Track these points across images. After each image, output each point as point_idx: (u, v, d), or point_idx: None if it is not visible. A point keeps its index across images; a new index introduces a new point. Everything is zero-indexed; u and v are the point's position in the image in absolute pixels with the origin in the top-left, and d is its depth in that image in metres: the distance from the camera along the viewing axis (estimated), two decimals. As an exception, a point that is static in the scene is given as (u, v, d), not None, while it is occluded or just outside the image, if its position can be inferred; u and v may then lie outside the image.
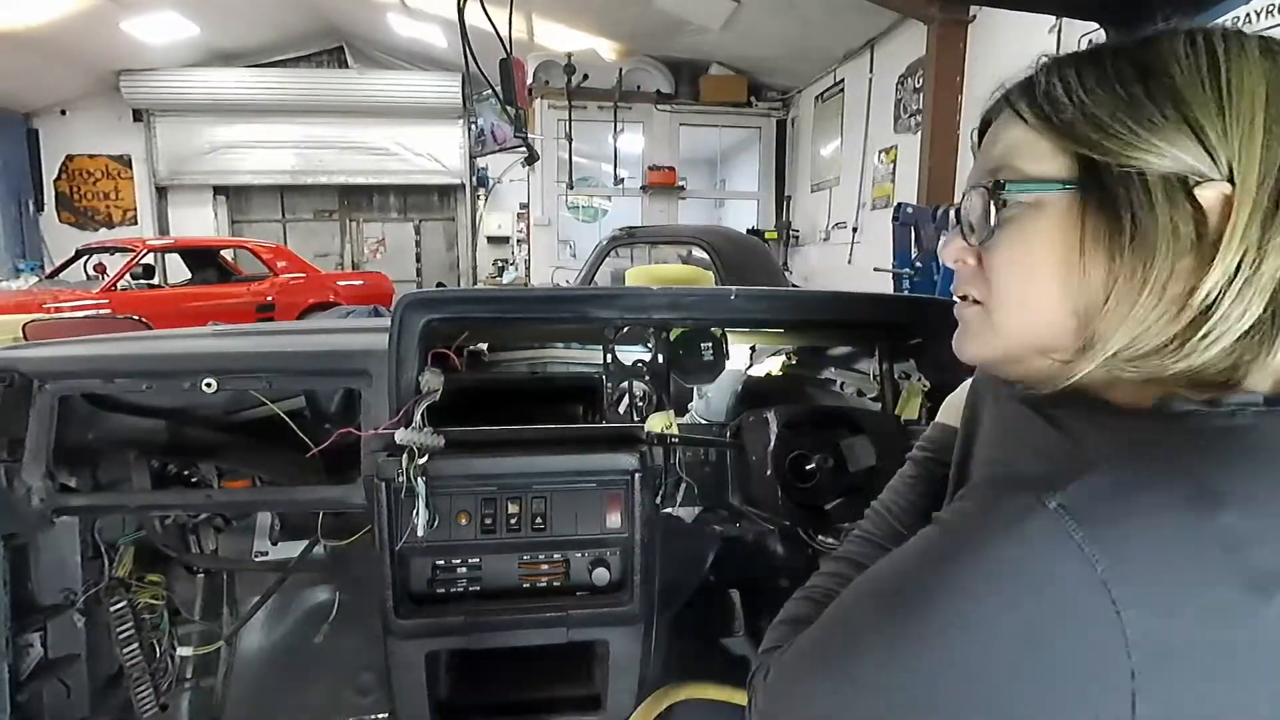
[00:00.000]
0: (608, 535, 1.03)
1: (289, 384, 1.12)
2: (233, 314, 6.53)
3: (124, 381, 1.10)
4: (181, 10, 8.35)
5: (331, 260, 10.78)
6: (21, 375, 1.06)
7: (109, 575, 1.28)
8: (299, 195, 10.92)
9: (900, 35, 5.99)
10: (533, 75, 8.09)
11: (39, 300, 5.84)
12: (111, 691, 1.35)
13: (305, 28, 9.82)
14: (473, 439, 1.03)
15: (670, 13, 6.67)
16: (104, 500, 1.21)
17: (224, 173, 10.42)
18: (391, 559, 0.99)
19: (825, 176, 7.58)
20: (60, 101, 9.84)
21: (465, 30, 1.38)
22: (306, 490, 1.16)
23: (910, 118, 5.87)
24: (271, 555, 1.47)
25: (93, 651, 1.32)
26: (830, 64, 7.22)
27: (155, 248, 7.23)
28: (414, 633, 1.02)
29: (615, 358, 1.13)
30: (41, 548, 1.25)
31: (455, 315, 1.07)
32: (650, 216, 8.44)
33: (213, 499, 1.21)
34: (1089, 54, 0.48)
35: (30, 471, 1.06)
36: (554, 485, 1.01)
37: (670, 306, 1.10)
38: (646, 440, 1.07)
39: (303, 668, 1.56)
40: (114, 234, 9.86)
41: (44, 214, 10.18)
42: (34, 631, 1.26)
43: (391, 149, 10.57)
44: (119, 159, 10.27)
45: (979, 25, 5.05)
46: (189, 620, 1.47)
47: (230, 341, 1.25)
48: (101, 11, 7.68)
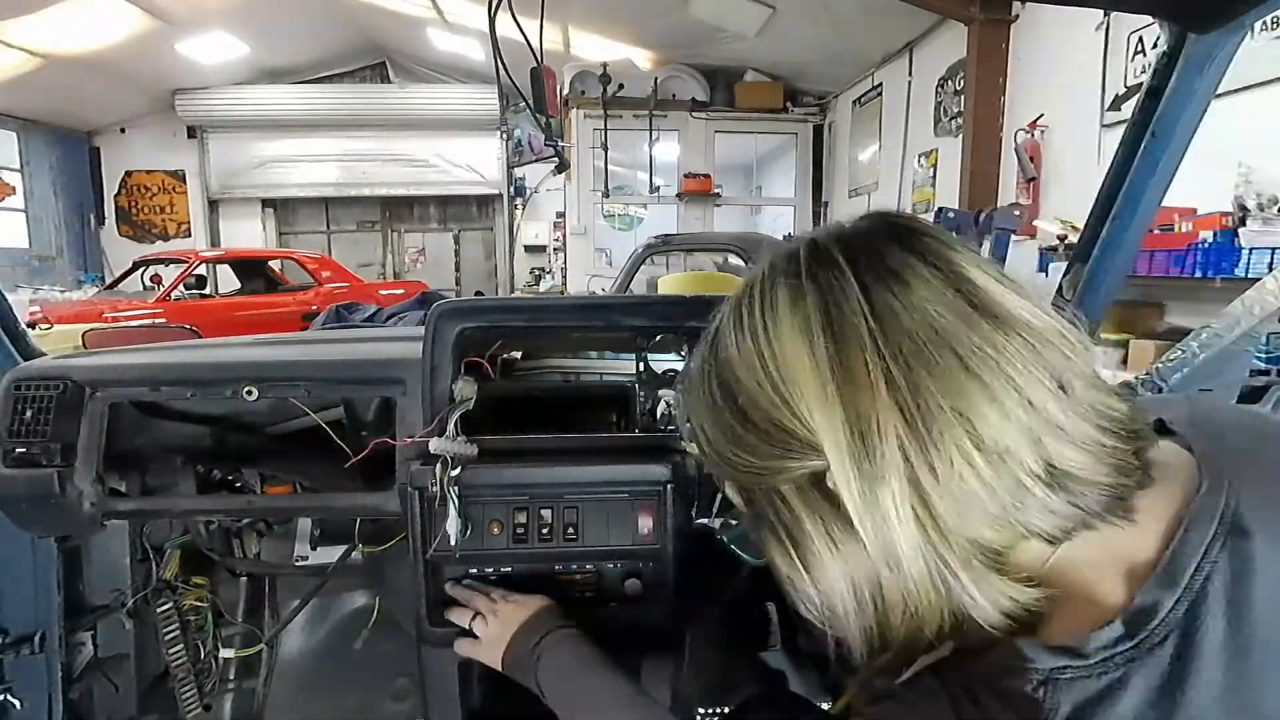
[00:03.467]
0: (640, 546, 1.01)
1: (326, 392, 1.14)
2: (279, 323, 6.73)
3: (170, 389, 1.13)
4: (232, 30, 8.67)
5: (374, 270, 11.03)
6: (74, 383, 1.10)
7: (156, 577, 1.31)
8: (343, 207, 11.22)
9: (940, 37, 5.88)
10: (569, 85, 8.18)
11: (98, 310, 6.11)
12: (157, 691, 1.39)
13: (349, 45, 10.11)
14: (505, 448, 1.03)
15: (705, 21, 6.67)
16: (152, 505, 1.24)
17: (272, 186, 10.77)
18: (425, 567, 0.99)
19: (863, 182, 7.47)
20: (120, 120, 10.32)
21: (496, 40, 1.39)
22: (344, 497, 1.18)
23: (950, 120, 5.75)
24: (311, 560, 1.50)
25: (140, 652, 1.36)
26: (868, 68, 7.13)
27: (207, 259, 7.51)
28: (446, 641, 1.02)
29: (648, 366, 1.12)
30: (93, 550, 1.30)
31: (488, 324, 1.07)
32: (686, 224, 8.43)
33: (255, 504, 1.23)
34: (695, 388, 0.51)
35: (82, 476, 1.09)
36: (586, 495, 1.01)
37: (703, 314, 1.09)
38: (680, 450, 1.06)
39: (340, 672, 1.58)
40: (169, 246, 10.27)
41: (104, 228, 10.66)
42: (85, 631, 1.30)
43: (431, 160, 10.79)
44: (174, 174, 10.70)
45: (1022, 24, 4.93)
46: (232, 623, 1.51)
47: (270, 350, 1.28)
48: (157, 34, 8.03)
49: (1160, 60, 0.93)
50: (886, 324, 0.42)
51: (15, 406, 1.09)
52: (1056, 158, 4.57)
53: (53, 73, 8.08)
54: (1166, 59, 0.92)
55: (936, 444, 0.40)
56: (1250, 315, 1.10)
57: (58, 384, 1.09)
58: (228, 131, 10.47)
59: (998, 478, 0.40)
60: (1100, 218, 1.05)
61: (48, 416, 1.08)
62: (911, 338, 0.41)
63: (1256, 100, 3.18)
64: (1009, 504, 0.40)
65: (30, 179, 9.51)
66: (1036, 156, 4.56)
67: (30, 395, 1.09)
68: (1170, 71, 0.92)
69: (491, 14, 1.35)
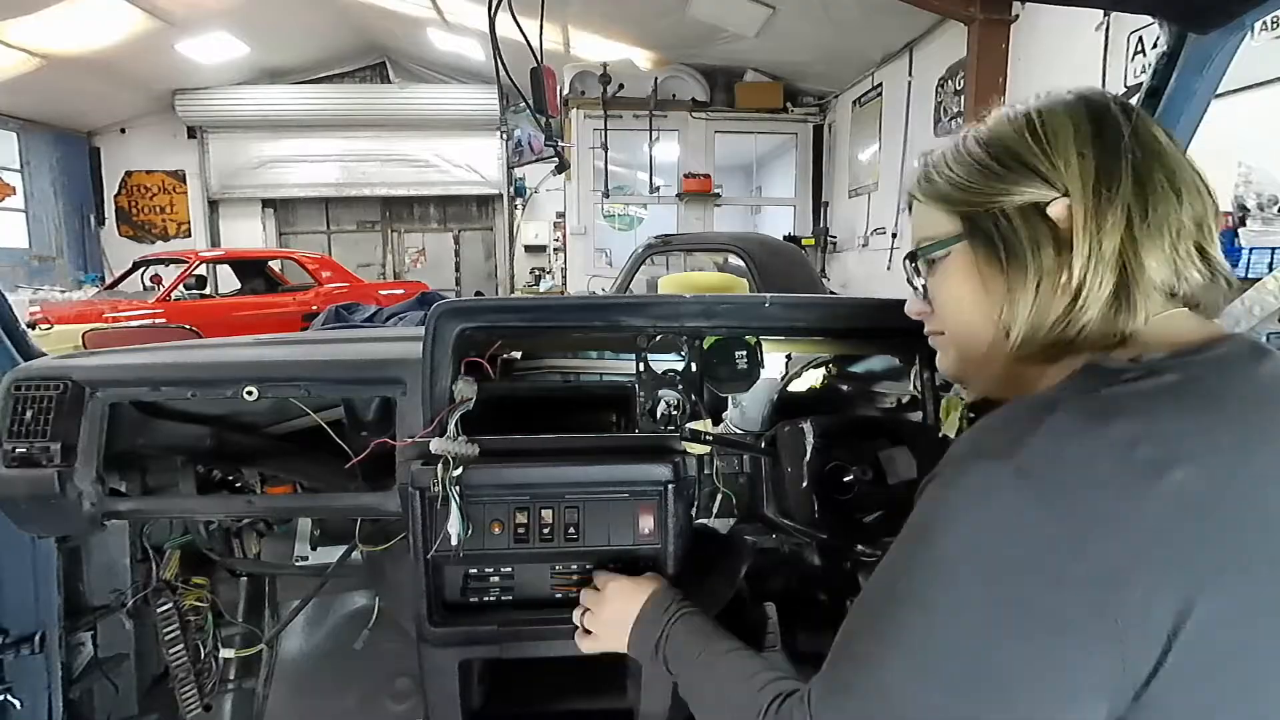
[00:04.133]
0: (641, 546, 1.01)
1: (326, 392, 1.14)
2: (279, 323, 6.73)
3: (170, 389, 1.13)
4: (232, 30, 8.67)
5: (374, 270, 11.03)
6: (74, 383, 1.10)
7: (156, 578, 1.31)
8: (343, 207, 11.22)
9: (940, 37, 5.88)
10: (569, 86, 8.17)
11: (98, 310, 6.11)
12: (157, 691, 1.39)
13: (349, 45, 10.11)
14: (506, 448, 1.03)
15: (705, 21, 6.67)
16: (152, 505, 1.24)
17: (272, 186, 10.77)
18: (425, 567, 0.99)
19: (863, 182, 7.47)
20: (120, 120, 10.32)
21: (496, 40, 1.39)
22: (344, 497, 1.18)
23: (951, 120, 5.75)
24: (311, 560, 1.50)
25: (140, 652, 1.36)
26: (867, 68, 7.13)
27: (207, 259, 7.51)
28: (447, 640, 1.02)
29: (648, 366, 1.12)
30: (93, 550, 1.30)
31: (488, 324, 1.07)
32: (686, 224, 8.43)
33: (255, 504, 1.23)
34: (950, 141, 0.68)
35: (82, 476, 1.09)
36: (587, 495, 1.00)
37: (703, 314, 1.09)
38: (680, 450, 1.06)
39: (340, 672, 1.58)
40: (169, 246, 10.27)
41: (104, 228, 10.66)
42: (85, 631, 1.30)
43: (431, 161, 10.79)
44: (174, 174, 10.70)
45: (1021, 24, 4.93)
46: (232, 623, 1.51)
47: (270, 350, 1.28)
48: (157, 34, 8.03)
49: (1160, 60, 0.93)
50: (1136, 128, 0.60)
51: (15, 406, 1.09)
52: (1057, 158, 4.57)
53: (53, 73, 8.08)
54: (1166, 59, 0.92)
55: (1152, 199, 0.58)
56: (1250, 315, 1.10)
57: (58, 384, 1.10)
58: (228, 131, 10.46)
59: (1177, 237, 0.58)
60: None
61: (48, 416, 1.08)
62: (1150, 139, 0.60)
63: (1256, 100, 3.18)
64: (1176, 256, 0.58)
65: (30, 179, 9.51)
66: (1037, 156, 4.56)
67: (30, 395, 1.09)
68: (1170, 71, 0.92)
69: (491, 14, 1.36)
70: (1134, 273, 0.57)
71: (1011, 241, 0.61)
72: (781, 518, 1.12)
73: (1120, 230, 0.57)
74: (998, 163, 0.62)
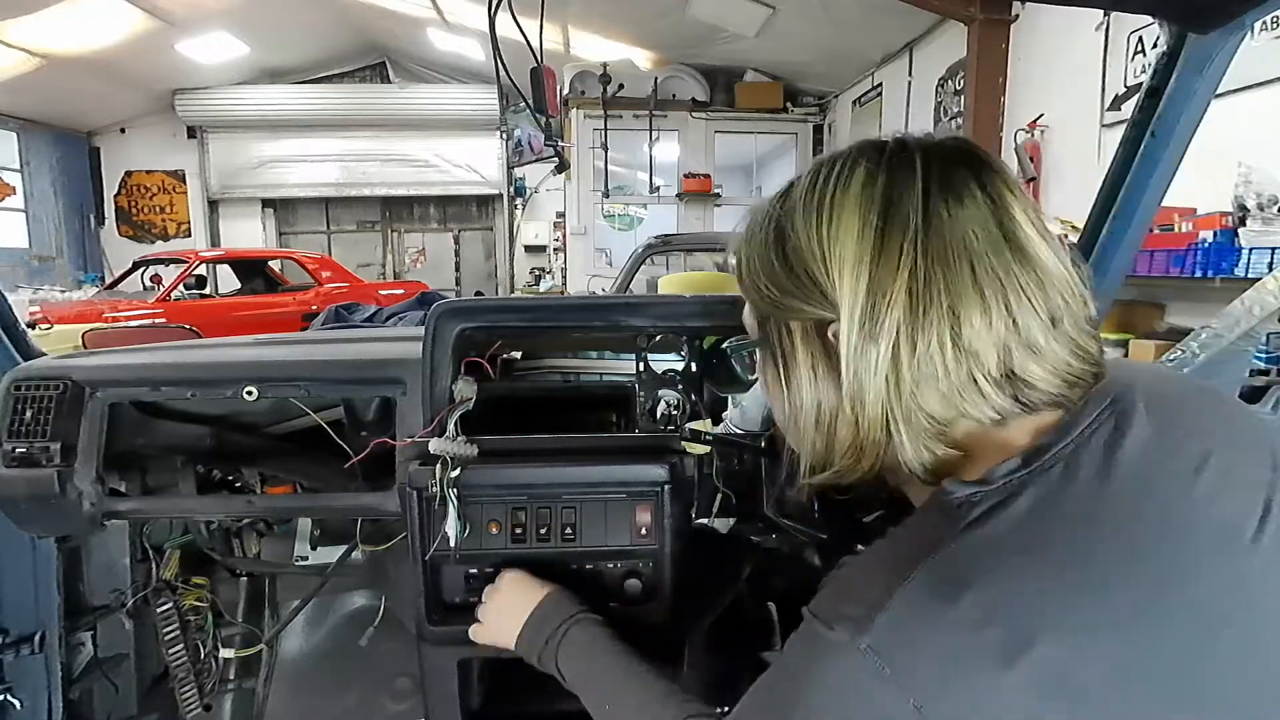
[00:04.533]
0: (639, 546, 1.01)
1: (326, 392, 1.14)
2: (279, 323, 6.73)
3: (170, 389, 1.13)
4: (232, 30, 8.68)
5: (374, 270, 11.03)
6: (74, 383, 1.10)
7: (156, 577, 1.31)
8: (343, 207, 11.22)
9: (940, 37, 5.88)
10: (569, 86, 8.17)
11: (98, 310, 6.11)
12: (157, 691, 1.39)
13: (349, 44, 10.11)
14: (505, 448, 1.03)
15: (705, 21, 6.67)
16: (152, 505, 1.24)
17: (272, 186, 10.77)
18: (424, 567, 0.99)
19: (863, 181, 7.46)
20: (120, 120, 10.32)
21: (496, 40, 1.39)
22: (344, 497, 1.18)
23: (950, 120, 5.75)
24: (311, 560, 1.50)
25: (140, 652, 1.36)
26: (867, 68, 7.13)
27: (207, 259, 7.51)
28: (446, 640, 1.02)
29: (648, 366, 1.12)
30: (93, 550, 1.30)
31: (488, 324, 1.07)
32: (686, 224, 8.43)
33: (255, 504, 1.23)
34: (756, 225, 0.59)
35: (82, 476, 1.09)
36: (585, 495, 1.00)
37: (703, 314, 1.09)
38: (678, 451, 1.06)
39: (340, 672, 1.58)
40: (169, 246, 10.27)
41: (104, 228, 10.66)
42: (85, 631, 1.30)
43: (431, 161, 10.79)
44: (174, 174, 10.70)
45: (1021, 24, 4.93)
46: (232, 623, 1.51)
47: (270, 350, 1.28)
48: (157, 34, 8.03)
49: (1160, 60, 0.93)
50: (930, 226, 0.50)
51: (15, 406, 1.09)
52: (1056, 158, 4.57)
53: (53, 73, 8.08)
54: (1166, 59, 0.92)
55: (924, 329, 0.49)
56: (1250, 315, 1.10)
57: (58, 384, 1.09)
58: (228, 131, 10.46)
59: (958, 369, 0.50)
60: (1100, 218, 1.05)
61: (48, 416, 1.08)
62: (944, 243, 0.50)
63: (1256, 100, 3.18)
64: (957, 391, 0.50)
65: (30, 179, 9.51)
66: (1036, 156, 4.56)
67: (30, 395, 1.09)
68: (1170, 71, 0.92)
69: (491, 14, 1.36)
70: (900, 418, 0.51)
71: (791, 365, 0.57)
72: (781, 518, 1.11)
73: (885, 366, 0.50)
74: (788, 270, 0.55)
